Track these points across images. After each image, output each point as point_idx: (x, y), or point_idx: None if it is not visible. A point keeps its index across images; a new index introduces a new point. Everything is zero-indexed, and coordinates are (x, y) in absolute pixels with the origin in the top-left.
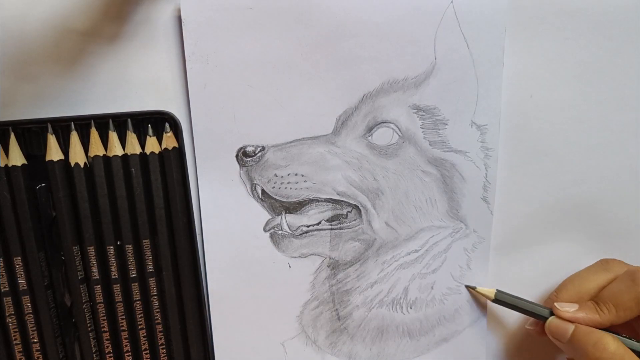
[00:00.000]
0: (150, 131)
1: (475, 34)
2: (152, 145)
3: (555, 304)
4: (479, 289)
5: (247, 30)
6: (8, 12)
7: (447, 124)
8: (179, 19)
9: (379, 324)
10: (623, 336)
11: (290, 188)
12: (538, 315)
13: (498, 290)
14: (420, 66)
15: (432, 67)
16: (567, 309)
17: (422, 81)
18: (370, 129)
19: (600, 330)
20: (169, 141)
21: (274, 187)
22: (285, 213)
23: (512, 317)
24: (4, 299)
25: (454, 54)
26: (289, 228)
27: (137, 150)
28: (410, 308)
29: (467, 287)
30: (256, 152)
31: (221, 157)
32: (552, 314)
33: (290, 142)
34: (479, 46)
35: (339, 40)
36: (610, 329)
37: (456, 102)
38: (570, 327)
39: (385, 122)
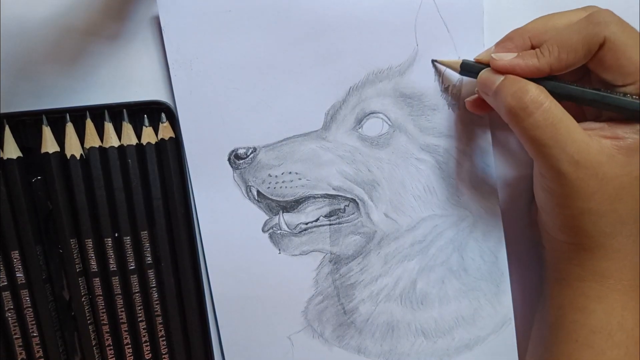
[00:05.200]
0: (146, 121)
1: (455, 17)
2: (148, 135)
3: (493, 54)
4: (442, 60)
5: (228, 33)
6: (8, 12)
7: (435, 109)
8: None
9: (388, 319)
10: (562, 82)
11: (285, 187)
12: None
13: (464, 60)
14: (402, 54)
15: (414, 54)
16: (503, 57)
17: (407, 69)
18: (359, 121)
19: (527, 80)
20: (166, 131)
21: (268, 187)
22: (283, 212)
23: None
24: (3, 293)
25: (435, 39)
26: (288, 227)
27: (134, 141)
28: (421, 304)
29: (433, 61)
30: (248, 153)
31: (213, 162)
32: None
33: (281, 140)
34: (459, 29)
35: (320, 36)
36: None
37: (442, 86)
38: (499, 78)
39: (374, 113)
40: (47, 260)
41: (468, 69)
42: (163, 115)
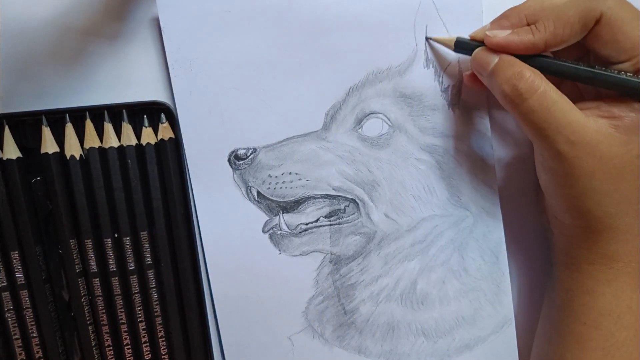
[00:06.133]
0: (145, 122)
1: (454, 17)
2: (148, 136)
3: (487, 32)
4: (436, 37)
5: (228, 34)
6: (8, 12)
7: (435, 109)
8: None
9: (388, 319)
10: (557, 59)
11: (285, 187)
12: None
13: (459, 38)
14: (402, 54)
15: (414, 54)
16: (498, 34)
17: (406, 69)
18: (359, 121)
19: (523, 63)
20: (165, 132)
21: (269, 187)
22: (283, 213)
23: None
24: (2, 294)
25: None
26: (288, 227)
27: (133, 141)
28: (422, 304)
29: (427, 38)
30: (248, 154)
31: (213, 162)
32: None
33: (281, 141)
34: (459, 29)
35: (320, 36)
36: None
37: (442, 86)
38: (495, 58)
39: (373, 113)
40: (46, 261)
41: (462, 46)
42: (163, 115)
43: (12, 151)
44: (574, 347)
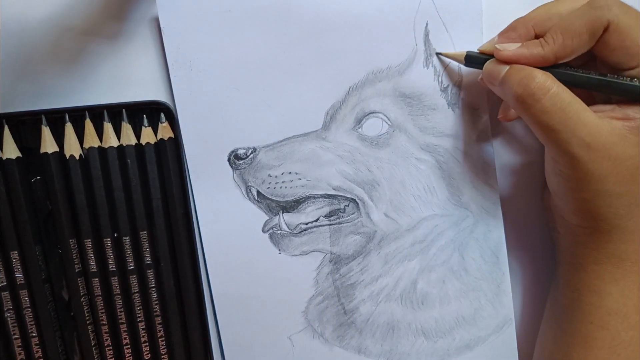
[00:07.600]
0: (145, 122)
1: (453, 17)
2: (147, 135)
3: (497, 45)
4: (446, 52)
5: (228, 33)
6: (8, 12)
7: (435, 109)
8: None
9: (388, 319)
10: (568, 68)
11: (285, 187)
12: None
13: (468, 52)
14: (402, 54)
15: (414, 53)
16: (508, 47)
17: (406, 68)
18: (359, 121)
19: (531, 67)
20: (165, 131)
21: (268, 187)
22: (283, 212)
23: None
24: (2, 293)
25: (434, 38)
26: (288, 227)
27: (133, 141)
28: (422, 304)
29: (437, 53)
30: (248, 154)
31: (213, 162)
32: None
33: (281, 141)
34: (458, 29)
35: (320, 35)
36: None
37: (441, 86)
38: (504, 68)
39: (373, 113)
40: (46, 261)
41: (472, 60)
42: (162, 115)
43: (12, 151)
44: (580, 347)
